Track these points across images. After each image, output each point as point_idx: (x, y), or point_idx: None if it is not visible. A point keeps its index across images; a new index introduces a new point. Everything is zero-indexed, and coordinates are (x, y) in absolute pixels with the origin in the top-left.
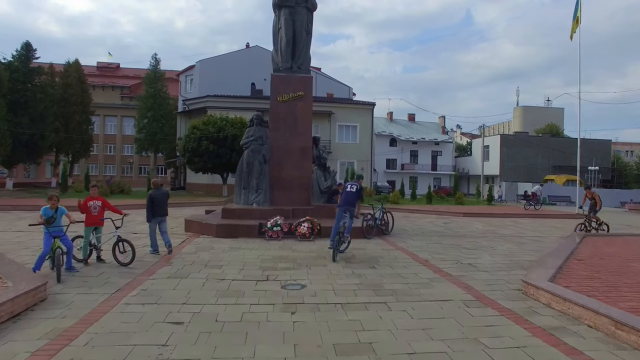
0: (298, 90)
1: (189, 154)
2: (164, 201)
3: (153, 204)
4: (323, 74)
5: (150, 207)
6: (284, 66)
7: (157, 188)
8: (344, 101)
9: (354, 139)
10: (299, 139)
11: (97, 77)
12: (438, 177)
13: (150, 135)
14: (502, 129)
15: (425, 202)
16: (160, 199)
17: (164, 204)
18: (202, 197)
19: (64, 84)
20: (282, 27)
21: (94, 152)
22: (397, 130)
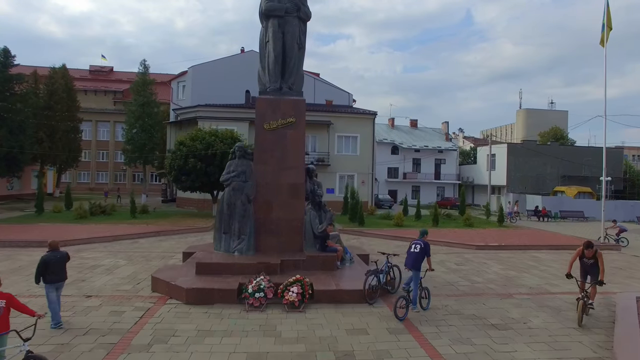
0: (288, 116)
1: (175, 172)
2: (60, 266)
3: (47, 269)
4: (322, 79)
5: (41, 272)
6: (272, 87)
7: (54, 250)
8: (343, 110)
9: (354, 151)
10: (290, 173)
11: (90, 81)
12: (441, 186)
13: (138, 148)
14: (506, 132)
15: (432, 224)
16: (56, 263)
17: (60, 269)
18: (190, 218)
19: (49, 91)
20: (270, 40)
21: (86, 159)
22: (399, 137)
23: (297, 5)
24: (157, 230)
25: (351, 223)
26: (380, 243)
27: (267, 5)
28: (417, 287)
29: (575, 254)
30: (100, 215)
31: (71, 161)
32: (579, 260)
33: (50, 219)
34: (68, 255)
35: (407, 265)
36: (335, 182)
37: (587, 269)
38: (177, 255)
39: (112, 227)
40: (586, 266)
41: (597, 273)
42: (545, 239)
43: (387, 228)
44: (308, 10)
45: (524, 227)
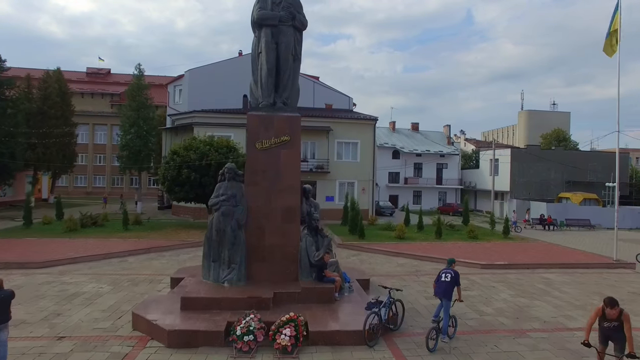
0: (282, 134)
1: (168, 183)
2: (4, 306)
3: None
4: (321, 83)
5: None
6: (264, 102)
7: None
8: (343, 116)
9: (355, 157)
10: (284, 196)
11: (87, 83)
12: (443, 191)
13: (134, 154)
14: (507, 134)
15: (435, 236)
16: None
17: (4, 309)
18: (184, 229)
19: (43, 96)
20: (263, 51)
21: (83, 163)
22: (400, 141)
23: (291, 14)
24: (148, 247)
25: (351, 235)
26: (382, 260)
27: (259, 13)
28: (447, 316)
29: (593, 314)
30: (92, 227)
31: (66, 167)
32: (598, 322)
33: (39, 232)
34: (13, 293)
35: (438, 295)
36: (335, 189)
37: (609, 333)
38: (166, 278)
39: (102, 242)
40: (608, 330)
41: (622, 340)
42: (555, 255)
43: (389, 241)
44: (304, 18)
45: (529, 238)
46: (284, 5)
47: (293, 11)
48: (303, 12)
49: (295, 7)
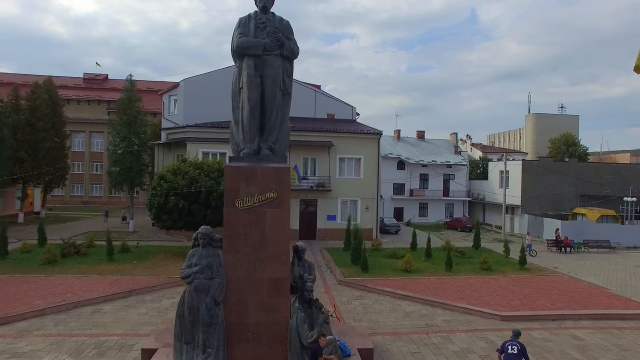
0: (268, 190)
1: (155, 210)
2: None
3: None
4: (323, 93)
5: None
6: (246, 150)
7: None
8: (346, 130)
9: (358, 174)
10: (271, 265)
11: (84, 90)
12: (451, 203)
13: (125, 170)
14: (514, 138)
15: (445, 267)
16: None
17: None
18: (174, 259)
19: (31, 107)
20: (245, 87)
21: (79, 172)
22: (405, 151)
23: (279, 41)
24: (129, 288)
25: (354, 266)
26: (387, 307)
27: (240, 41)
28: None
29: None
30: (74, 256)
31: (57, 181)
32: None
33: (14, 264)
34: None
35: None
36: (337, 208)
37: None
38: (142, 341)
39: (78, 282)
40: None
41: None
42: (581, 298)
43: (395, 276)
44: (295, 45)
45: (548, 269)
46: (270, 30)
47: (281, 37)
48: (294, 37)
49: (284, 32)
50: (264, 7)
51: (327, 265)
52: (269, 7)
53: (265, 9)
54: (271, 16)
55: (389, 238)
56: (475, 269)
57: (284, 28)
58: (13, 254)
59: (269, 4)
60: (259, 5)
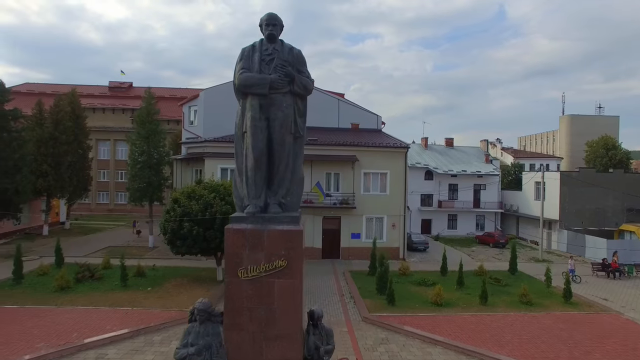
0: (276, 257)
1: (169, 235)
2: None
3: None
4: (347, 101)
5: None
6: (251, 207)
7: None
8: (371, 144)
9: (384, 190)
10: (280, 346)
11: (109, 98)
12: (481, 214)
13: (143, 185)
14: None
15: (479, 300)
16: None
17: None
18: (189, 286)
19: (54, 121)
20: (248, 132)
21: (104, 179)
22: (433, 160)
23: (288, 75)
24: (137, 326)
25: (379, 296)
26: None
27: (242, 77)
28: None
29: None
30: (88, 281)
31: (79, 192)
32: None
33: (30, 287)
34: None
35: None
36: (361, 225)
37: None
38: None
39: (87, 315)
40: None
41: None
42: None
43: (424, 310)
44: (307, 79)
45: (597, 304)
46: (277, 63)
47: (290, 71)
48: (306, 69)
49: (294, 64)
50: (270, 36)
51: (350, 294)
52: (276, 35)
53: (271, 38)
54: (279, 45)
55: (417, 256)
56: (514, 301)
57: (294, 59)
58: (29, 276)
59: (276, 31)
60: (264, 32)
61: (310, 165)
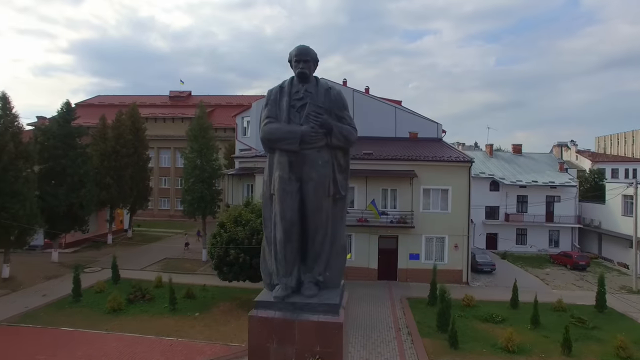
0: (310, 355)
1: (216, 261)
2: None
3: None
4: (404, 109)
5: None
6: (280, 289)
7: None
8: (430, 158)
9: (445, 207)
10: None
11: (169, 107)
12: (555, 229)
13: (196, 200)
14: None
15: (561, 349)
16: None
17: None
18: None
19: (116, 135)
20: (277, 196)
21: (165, 186)
22: (499, 169)
23: (324, 125)
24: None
25: (439, 333)
26: None
27: (267, 129)
28: None
29: None
30: (140, 302)
31: (140, 202)
32: None
33: (86, 307)
34: None
35: None
36: (420, 246)
37: None
38: None
39: (131, 345)
40: None
41: None
42: None
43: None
44: (348, 129)
45: None
46: (310, 110)
47: (326, 121)
48: (348, 113)
49: (331, 108)
50: (302, 75)
51: (407, 329)
52: (309, 73)
53: (303, 77)
54: (312, 86)
55: (482, 279)
56: (607, 353)
57: (331, 103)
58: (87, 293)
59: (308, 68)
60: (294, 69)
61: (365, 182)
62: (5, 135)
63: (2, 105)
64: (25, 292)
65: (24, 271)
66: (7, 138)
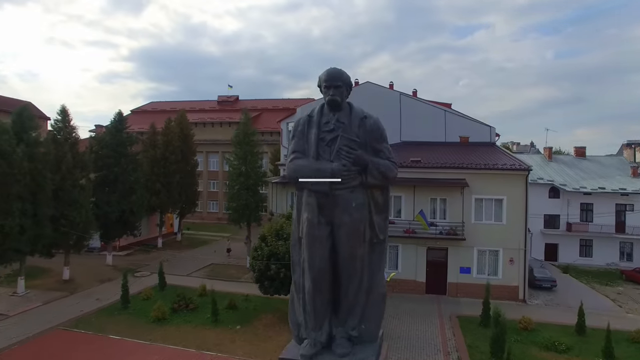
0: None
1: (257, 274)
2: None
3: None
4: (454, 112)
5: None
6: (310, 343)
7: None
8: (483, 166)
9: (499, 218)
10: None
11: (217, 112)
12: (627, 241)
13: (241, 207)
14: None
15: None
16: None
17: None
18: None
19: (165, 142)
20: (305, 242)
21: (214, 189)
22: (559, 174)
23: (358, 161)
24: None
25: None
26: None
27: (293, 166)
28: None
29: None
30: (183, 311)
31: (189, 207)
32: None
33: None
34: None
35: None
36: (472, 259)
37: None
38: None
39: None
40: None
41: None
42: None
43: None
44: (386, 165)
45: None
46: (341, 145)
47: (360, 157)
48: (386, 145)
49: (367, 141)
50: (333, 102)
51: (457, 352)
52: (340, 100)
53: (334, 104)
54: (345, 114)
55: (541, 297)
56: None
57: (366, 134)
58: (135, 300)
59: (339, 94)
60: (325, 95)
61: (412, 191)
62: (64, 146)
63: (62, 118)
64: (81, 295)
65: (82, 273)
66: (66, 149)
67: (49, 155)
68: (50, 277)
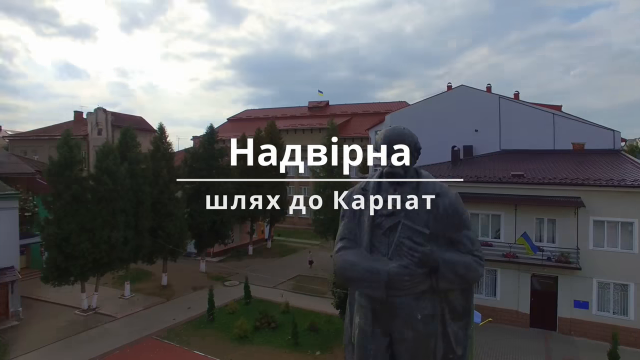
0: None
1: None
2: None
3: None
4: (565, 114)
5: None
6: None
7: None
8: (604, 182)
9: (627, 246)
10: None
11: (308, 118)
12: None
13: (328, 220)
14: None
15: None
16: None
17: None
18: None
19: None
20: (356, 351)
21: (306, 195)
22: None
23: (426, 261)
24: None
25: None
26: None
27: (341, 261)
28: None
29: None
30: (265, 329)
31: (279, 215)
32: None
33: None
34: None
35: None
36: (590, 292)
37: None
38: None
39: None
40: None
41: None
42: None
43: None
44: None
45: None
46: (402, 236)
47: (428, 255)
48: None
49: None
50: (393, 174)
51: None
52: (402, 172)
53: (395, 177)
54: (410, 189)
55: None
56: None
57: (439, 221)
58: (220, 314)
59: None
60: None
61: (514, 210)
62: (161, 161)
63: (160, 135)
64: (176, 302)
65: (178, 279)
66: (163, 164)
67: (148, 170)
68: (152, 282)
